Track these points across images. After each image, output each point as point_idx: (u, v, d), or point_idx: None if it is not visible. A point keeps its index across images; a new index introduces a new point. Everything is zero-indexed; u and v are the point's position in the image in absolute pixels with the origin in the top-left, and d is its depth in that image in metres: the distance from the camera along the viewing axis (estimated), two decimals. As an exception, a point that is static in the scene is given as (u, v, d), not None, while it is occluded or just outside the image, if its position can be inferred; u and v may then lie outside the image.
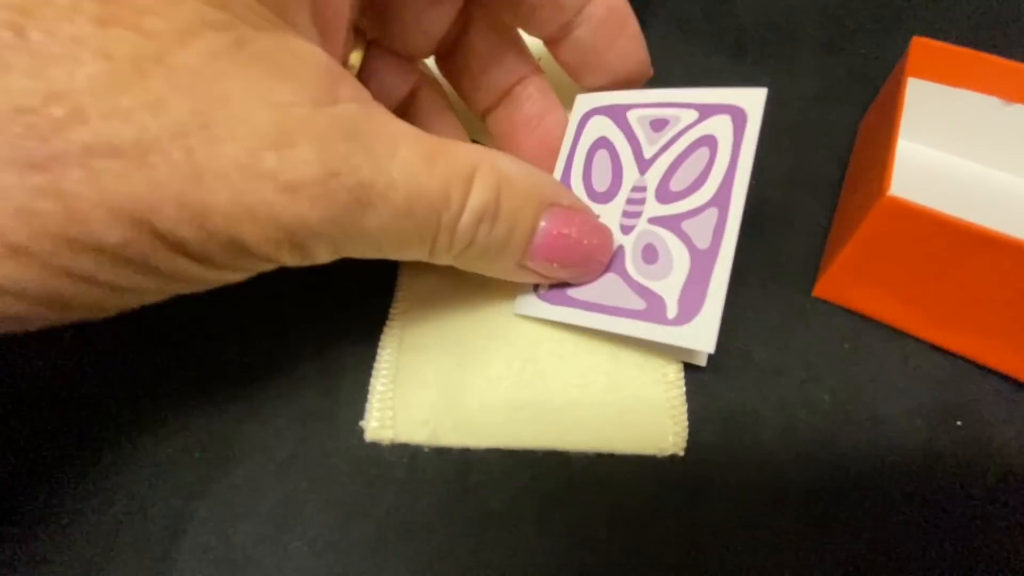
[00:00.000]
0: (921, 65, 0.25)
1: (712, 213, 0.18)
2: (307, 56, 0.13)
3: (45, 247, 0.10)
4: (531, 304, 0.19)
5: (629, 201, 0.19)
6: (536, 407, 0.18)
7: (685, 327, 0.17)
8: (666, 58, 0.31)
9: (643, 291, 0.18)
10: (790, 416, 0.19)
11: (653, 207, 0.19)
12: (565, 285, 0.19)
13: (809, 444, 0.18)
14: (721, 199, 0.18)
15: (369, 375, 0.19)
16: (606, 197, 0.19)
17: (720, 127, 0.18)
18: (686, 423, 0.18)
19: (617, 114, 0.20)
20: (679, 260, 0.18)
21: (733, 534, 0.17)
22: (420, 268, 0.21)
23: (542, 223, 0.16)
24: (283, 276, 0.20)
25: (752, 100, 0.18)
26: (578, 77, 0.21)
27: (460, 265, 0.17)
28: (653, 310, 0.18)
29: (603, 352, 0.19)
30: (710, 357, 0.19)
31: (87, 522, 0.16)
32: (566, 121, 0.21)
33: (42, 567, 0.16)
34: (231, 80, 0.11)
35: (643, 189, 0.19)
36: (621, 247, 0.19)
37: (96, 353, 0.19)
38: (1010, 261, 0.17)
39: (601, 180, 0.20)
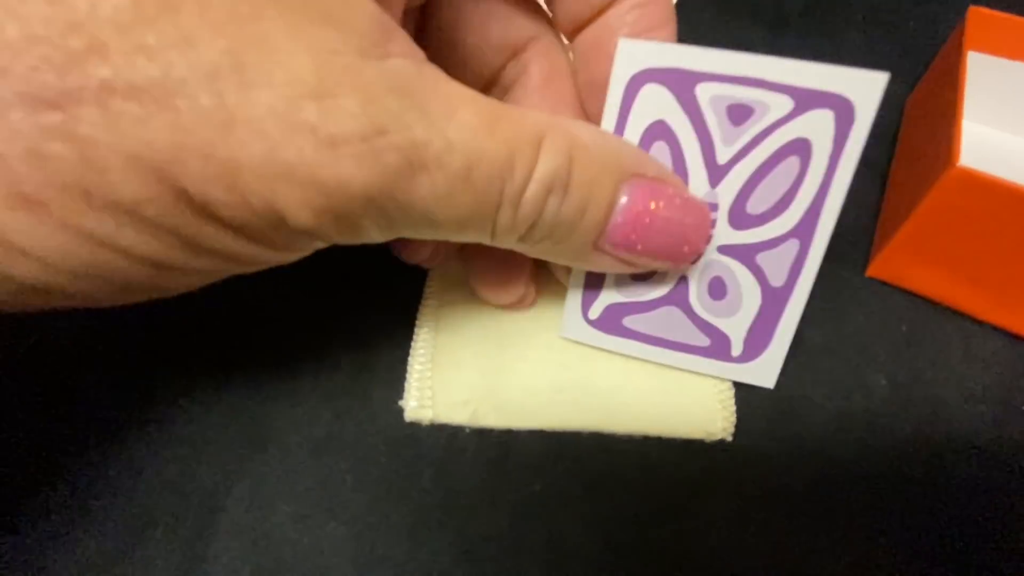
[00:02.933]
0: (978, 37, 0.23)
1: (792, 246, 0.15)
2: (356, 4, 0.11)
3: (60, 200, 0.10)
4: (580, 329, 0.18)
5: None
6: (579, 389, 0.18)
7: (748, 365, 0.17)
8: (701, 33, 0.30)
9: (707, 328, 0.17)
10: (844, 401, 0.18)
11: (725, 232, 0.16)
12: (619, 313, 0.17)
13: (864, 431, 0.17)
14: (805, 229, 0.15)
15: (403, 355, 0.18)
16: None
17: (818, 128, 0.14)
18: (734, 407, 0.18)
19: (683, 87, 0.15)
20: (749, 297, 0.16)
21: (782, 523, 0.16)
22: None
23: (623, 198, 0.14)
24: (316, 254, 0.20)
25: (867, 90, 0.14)
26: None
27: (527, 250, 0.15)
28: (717, 348, 0.17)
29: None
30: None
31: (124, 501, 0.16)
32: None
33: (80, 545, 0.15)
34: (270, 21, 0.10)
35: (714, 208, 0.16)
36: (685, 278, 0.16)
37: (134, 332, 0.19)
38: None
39: None
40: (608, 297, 0.17)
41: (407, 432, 0.17)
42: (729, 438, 0.17)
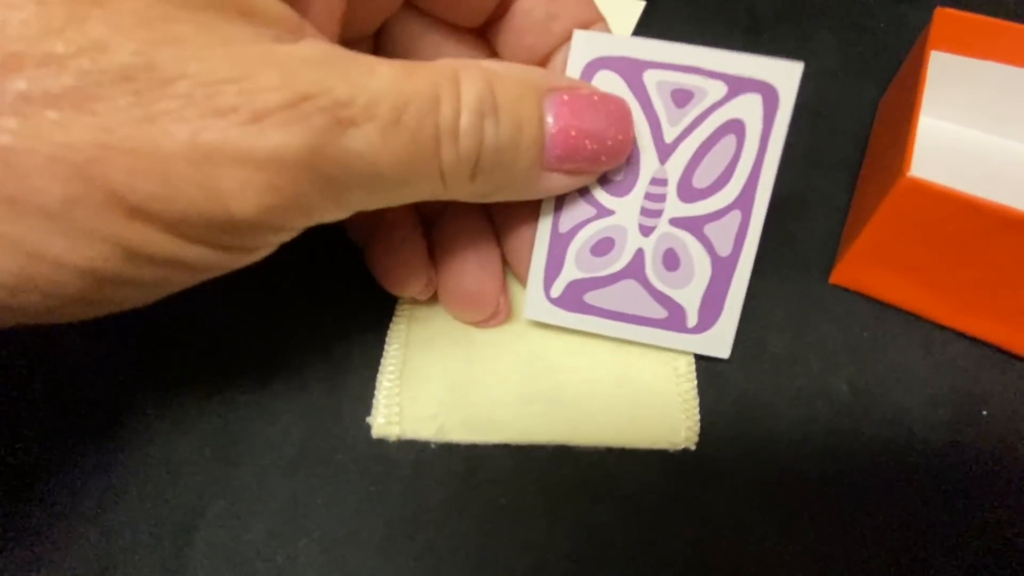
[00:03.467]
0: (945, 37, 0.23)
1: (735, 217, 0.17)
2: (265, 3, 0.12)
3: None
4: (543, 309, 0.18)
5: (648, 196, 0.17)
6: (545, 402, 0.18)
7: (703, 335, 0.18)
8: (676, 36, 0.30)
9: (664, 300, 0.18)
10: (807, 408, 0.18)
11: (675, 206, 0.17)
12: (580, 289, 0.18)
13: (827, 437, 0.18)
14: (744, 201, 0.17)
15: (375, 372, 0.19)
16: (623, 188, 0.17)
17: (749, 110, 0.16)
18: (698, 416, 0.18)
19: (632, 74, 0.17)
20: (700, 267, 0.17)
21: (746, 530, 0.16)
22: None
23: (548, 112, 0.15)
24: (287, 270, 0.20)
25: (785, 77, 0.16)
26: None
27: (483, 194, 0.15)
28: (674, 319, 0.18)
29: (613, 345, 0.19)
30: (723, 348, 0.19)
31: (101, 521, 0.16)
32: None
33: (56, 566, 0.16)
34: (180, 23, 0.10)
35: (664, 183, 0.17)
36: (641, 251, 0.18)
37: (104, 353, 0.19)
38: (1039, 243, 0.16)
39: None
40: (569, 274, 0.18)
41: (377, 449, 0.18)
42: (693, 447, 0.18)
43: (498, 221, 0.19)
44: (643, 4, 0.29)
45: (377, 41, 0.18)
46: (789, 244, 0.22)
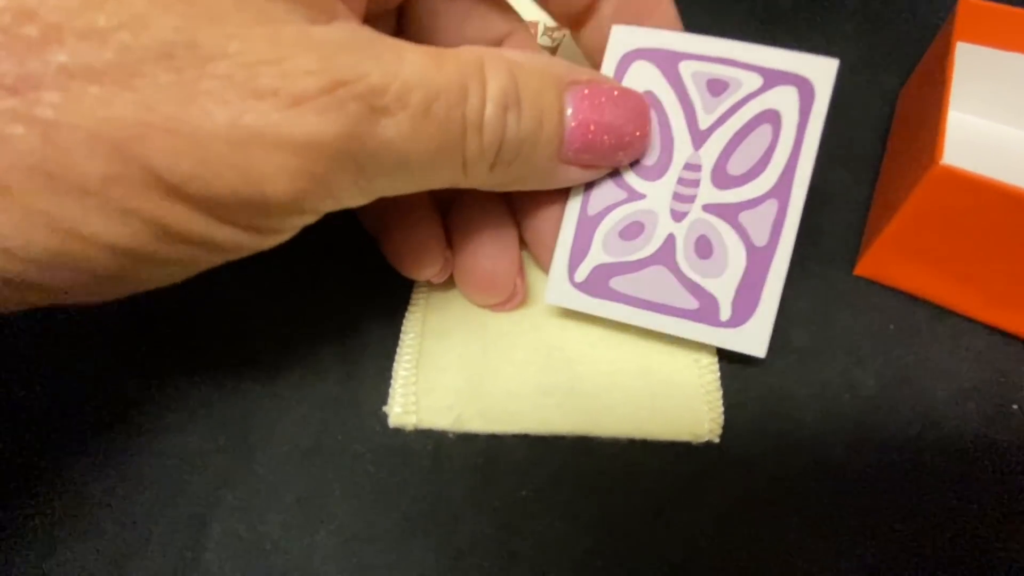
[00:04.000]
0: (969, 28, 0.23)
1: (771, 206, 0.16)
2: None
3: (23, 183, 0.10)
4: (565, 293, 0.18)
5: (681, 181, 0.17)
6: (564, 392, 0.18)
7: (737, 331, 0.17)
8: (695, 28, 0.29)
9: (695, 289, 0.17)
10: (832, 402, 0.18)
11: (708, 192, 0.17)
12: (606, 274, 0.17)
13: (853, 432, 0.17)
14: (782, 190, 0.16)
15: (392, 361, 0.18)
16: (655, 172, 0.17)
17: (785, 101, 0.16)
18: (722, 409, 0.17)
19: (667, 64, 0.17)
20: (735, 257, 0.17)
21: (770, 526, 0.16)
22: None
23: (568, 105, 0.15)
24: (302, 256, 0.20)
25: (821, 72, 0.16)
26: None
27: (501, 183, 0.15)
28: (705, 311, 0.17)
29: (633, 336, 0.19)
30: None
31: (115, 510, 0.16)
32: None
33: (72, 556, 0.15)
34: None
35: (697, 168, 0.17)
36: (672, 236, 0.17)
37: (118, 342, 0.19)
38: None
39: (649, 150, 0.17)
40: (595, 258, 0.18)
41: (394, 440, 0.17)
42: (716, 440, 0.17)
43: (517, 205, 0.19)
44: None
45: (400, 15, 0.18)
46: (811, 236, 0.21)
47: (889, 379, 0.18)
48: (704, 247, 0.17)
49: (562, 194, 0.18)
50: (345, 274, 0.20)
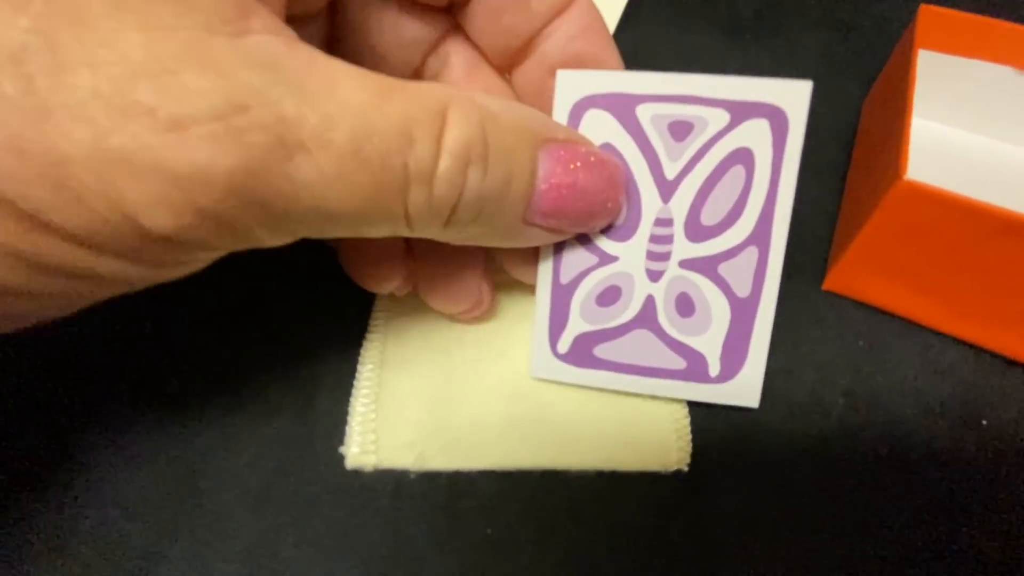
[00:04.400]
0: (930, 35, 0.23)
1: (751, 254, 0.16)
2: None
3: None
4: (550, 366, 0.17)
5: (654, 239, 0.16)
6: (531, 423, 0.17)
7: (728, 385, 0.16)
8: (658, 38, 0.29)
9: (681, 348, 0.16)
10: (801, 422, 0.17)
11: (683, 247, 0.16)
12: (589, 343, 0.17)
13: (823, 452, 0.17)
14: (761, 235, 0.15)
15: (348, 396, 0.17)
16: (625, 233, 0.16)
17: (756, 137, 0.15)
18: (690, 436, 0.17)
19: (623, 110, 0.15)
20: (718, 311, 0.16)
21: (742, 554, 0.16)
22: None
23: (540, 168, 0.13)
24: (249, 279, 0.19)
25: (794, 98, 0.15)
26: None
27: (453, 237, 0.14)
28: (694, 369, 0.16)
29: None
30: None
31: (55, 565, 0.15)
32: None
33: (0, 622, 0.14)
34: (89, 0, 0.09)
35: (669, 223, 0.16)
36: (651, 297, 0.16)
37: (56, 383, 0.18)
38: (1039, 247, 0.15)
39: None
40: (575, 327, 0.17)
41: (352, 480, 0.16)
42: (685, 468, 0.17)
43: None
44: (624, 2, 0.28)
45: (332, 19, 0.16)
46: (779, 250, 0.21)
47: (858, 398, 0.18)
48: (685, 305, 0.16)
49: None
50: (297, 297, 0.19)
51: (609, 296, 0.17)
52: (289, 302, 0.19)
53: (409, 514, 0.16)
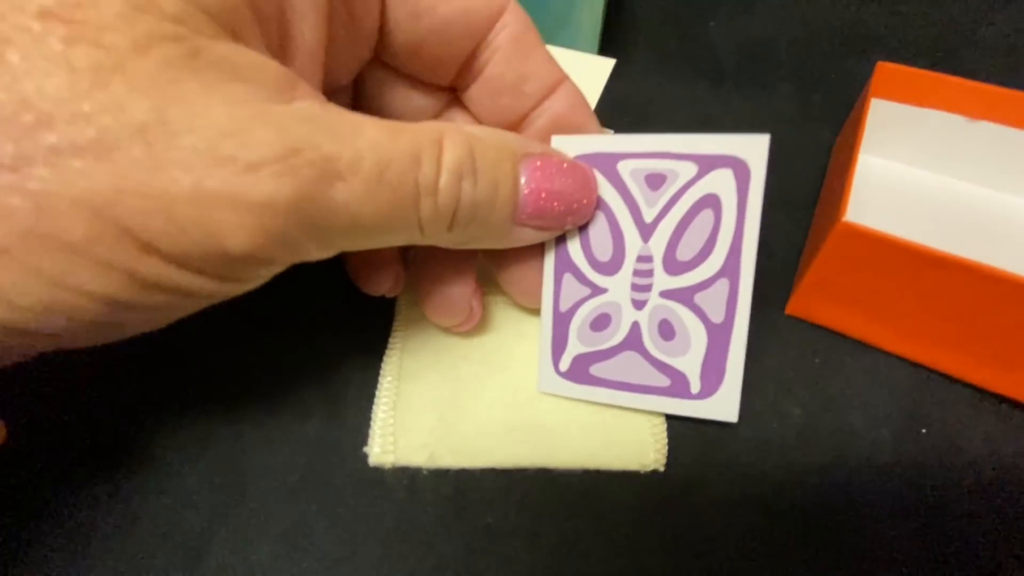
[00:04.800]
0: (886, 87, 0.26)
1: (723, 285, 0.18)
2: (261, 63, 0.13)
3: (20, 245, 0.11)
4: (555, 383, 0.20)
5: (636, 273, 0.18)
6: (527, 429, 0.20)
7: (709, 401, 0.19)
8: (646, 87, 0.32)
9: (665, 368, 0.19)
10: (763, 430, 0.20)
11: (663, 279, 0.18)
12: (586, 362, 0.19)
13: (781, 456, 0.19)
14: (730, 269, 0.18)
15: (371, 403, 0.20)
16: (611, 267, 0.19)
17: (722, 184, 0.17)
18: (666, 440, 0.19)
19: (607, 166, 0.18)
20: (696, 335, 0.18)
21: (712, 543, 0.18)
22: (416, 296, 0.23)
23: (522, 175, 0.17)
24: (288, 310, 0.22)
25: (754, 151, 0.17)
26: None
27: (459, 240, 0.17)
28: (677, 386, 0.19)
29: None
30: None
31: (116, 547, 0.18)
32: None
33: (80, 589, 0.17)
34: (187, 83, 0.12)
35: (649, 259, 0.18)
36: (636, 323, 0.19)
37: (118, 390, 0.21)
38: (961, 278, 0.18)
39: (602, 248, 0.19)
40: (573, 349, 0.20)
41: (373, 475, 0.19)
42: (661, 468, 0.19)
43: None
44: (613, 62, 0.31)
45: (356, 91, 0.20)
46: (750, 278, 0.24)
47: (813, 408, 0.20)
48: (667, 330, 0.19)
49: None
50: (328, 322, 0.22)
51: (601, 322, 0.19)
52: (322, 323, 0.22)
53: (422, 505, 0.19)
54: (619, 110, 0.31)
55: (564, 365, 0.20)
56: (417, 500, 0.19)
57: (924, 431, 0.20)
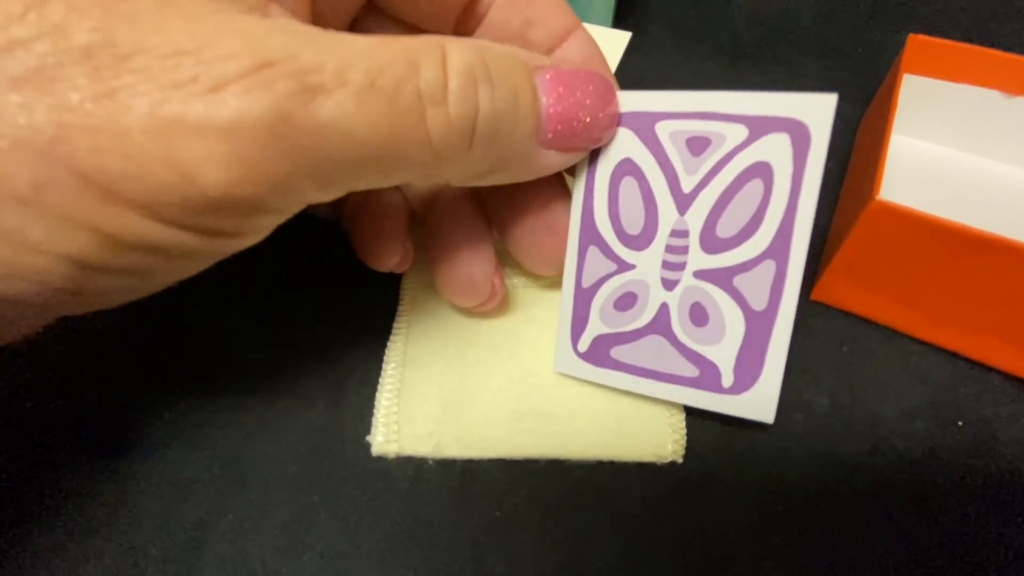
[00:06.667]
0: (918, 62, 0.25)
1: (768, 268, 0.15)
2: None
3: None
4: (571, 363, 0.18)
5: (669, 249, 0.16)
6: (537, 418, 0.19)
7: (742, 397, 0.16)
8: (663, 63, 0.31)
9: (694, 357, 0.17)
10: (787, 421, 0.19)
11: (698, 258, 0.16)
12: (607, 344, 0.18)
13: (807, 449, 0.18)
14: (779, 249, 0.15)
15: (374, 390, 0.19)
16: (641, 241, 0.17)
17: (776, 151, 0.15)
18: (684, 430, 0.19)
19: (643, 127, 0.16)
20: (733, 323, 0.16)
21: (732, 540, 0.17)
22: (422, 280, 0.22)
23: (539, 87, 0.14)
24: (289, 294, 0.22)
25: (817, 113, 0.14)
26: None
27: (481, 171, 0.14)
28: (707, 378, 0.17)
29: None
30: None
31: (115, 537, 0.17)
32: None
33: (75, 580, 0.17)
34: (138, 0, 0.11)
35: (684, 234, 0.16)
36: (665, 305, 0.17)
37: (116, 376, 0.20)
38: (1002, 260, 0.17)
39: (632, 219, 0.17)
40: (594, 328, 0.18)
41: (377, 466, 0.18)
42: (680, 460, 0.18)
43: (493, 210, 0.19)
44: (629, 35, 0.30)
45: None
46: (772, 262, 0.23)
47: (841, 398, 0.19)
48: (699, 314, 0.16)
49: (539, 199, 0.18)
50: (330, 305, 0.22)
51: (625, 301, 0.17)
52: (324, 308, 0.22)
53: (426, 497, 0.18)
54: (634, 86, 0.29)
55: (583, 345, 0.18)
56: (422, 492, 0.18)
57: (960, 423, 0.19)
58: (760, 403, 0.16)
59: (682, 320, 0.17)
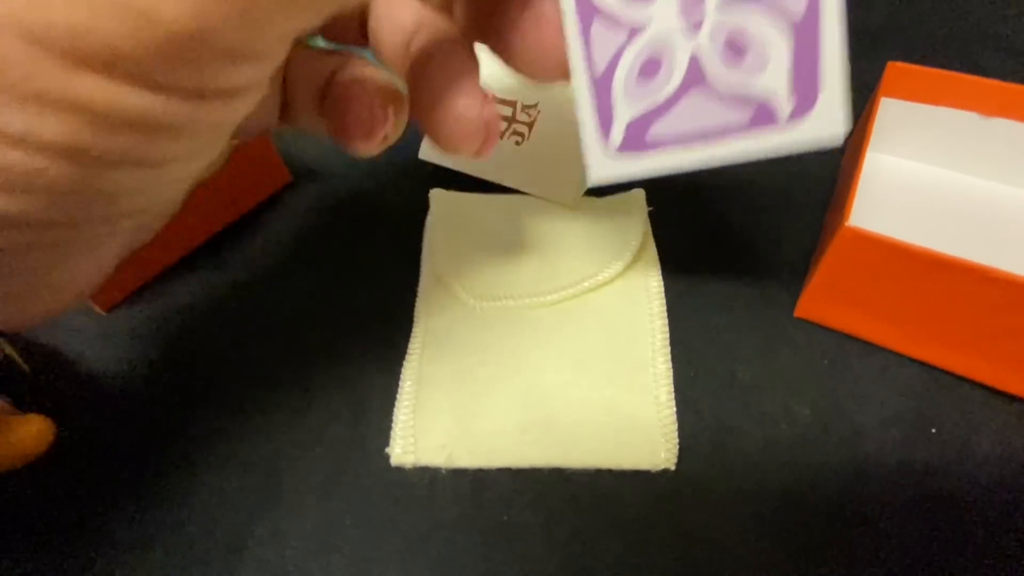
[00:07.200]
0: (897, 87, 0.26)
1: None
2: None
3: None
4: (608, 166, 0.16)
5: None
6: (541, 429, 0.21)
7: (805, 120, 0.14)
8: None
9: (741, 101, 0.14)
10: (772, 430, 0.20)
11: None
12: (643, 126, 0.15)
13: (790, 456, 0.20)
14: None
15: (393, 406, 0.21)
16: None
17: None
18: (677, 440, 0.20)
19: None
20: (774, 42, 0.14)
21: (722, 540, 0.19)
22: (435, 307, 0.24)
23: None
24: (311, 326, 0.24)
25: None
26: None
27: None
28: (762, 116, 0.14)
29: (601, 377, 0.22)
30: (696, 379, 0.21)
31: (162, 543, 0.19)
32: None
33: (132, 580, 0.19)
34: None
35: None
36: (694, 57, 0.14)
37: (160, 396, 0.22)
38: (965, 281, 0.18)
39: None
40: (623, 114, 0.15)
41: (396, 475, 0.20)
42: (672, 467, 0.20)
43: (481, 36, 0.17)
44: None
45: None
46: (760, 280, 0.24)
47: (822, 409, 0.21)
48: (735, 48, 0.14)
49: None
50: (352, 331, 0.24)
51: (650, 68, 0.15)
52: (347, 335, 0.24)
53: (441, 503, 0.20)
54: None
55: (616, 139, 0.15)
56: (437, 499, 0.20)
57: (935, 431, 0.20)
58: (827, 121, 0.14)
59: (718, 64, 0.14)
